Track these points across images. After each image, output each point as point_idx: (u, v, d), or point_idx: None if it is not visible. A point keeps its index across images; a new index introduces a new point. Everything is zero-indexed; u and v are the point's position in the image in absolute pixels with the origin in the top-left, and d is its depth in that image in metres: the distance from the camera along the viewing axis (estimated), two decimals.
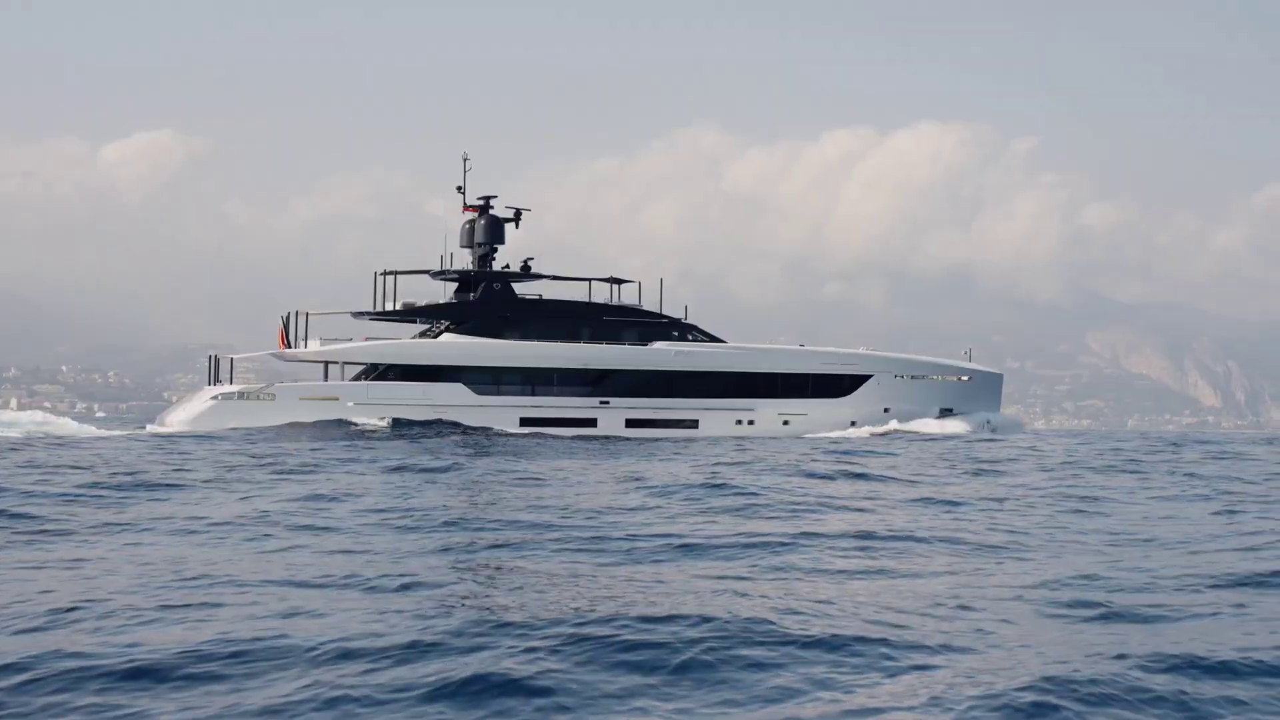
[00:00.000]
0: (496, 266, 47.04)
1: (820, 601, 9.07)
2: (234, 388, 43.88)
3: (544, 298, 47.47)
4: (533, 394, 45.13)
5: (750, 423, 46.65)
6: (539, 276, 47.44)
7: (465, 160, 47.64)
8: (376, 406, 43.10)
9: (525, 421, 43.98)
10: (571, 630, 7.66)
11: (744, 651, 7.34)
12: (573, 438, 39.89)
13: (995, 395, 50.39)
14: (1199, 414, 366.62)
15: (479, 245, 47.00)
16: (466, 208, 47.58)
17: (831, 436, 43.78)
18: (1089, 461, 28.72)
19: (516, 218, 47.91)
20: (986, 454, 31.37)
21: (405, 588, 9.47)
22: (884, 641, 7.67)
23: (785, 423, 46.96)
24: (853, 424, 47.59)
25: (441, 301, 46.94)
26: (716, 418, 46.29)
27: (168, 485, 18.39)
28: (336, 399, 43.47)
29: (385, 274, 46.20)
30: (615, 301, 47.69)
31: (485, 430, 41.80)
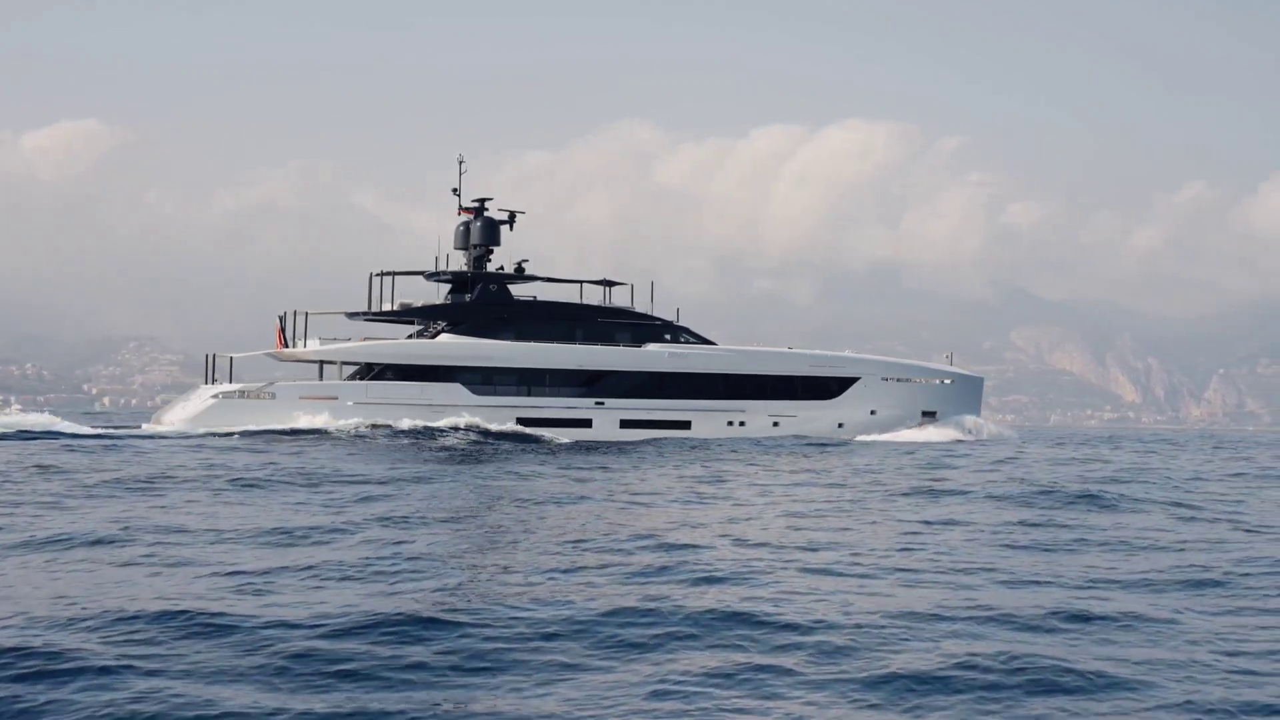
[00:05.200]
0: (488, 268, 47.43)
1: None
2: (234, 386, 43.79)
3: (538, 299, 47.95)
4: (529, 394, 45.60)
5: (741, 424, 47.48)
6: (533, 278, 47.89)
7: (461, 163, 47.96)
8: (375, 406, 43.35)
9: (521, 421, 44.43)
10: None
11: None
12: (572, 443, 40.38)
13: (976, 398, 51.74)
14: (1120, 410, 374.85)
15: (475, 247, 47.39)
16: (462, 210, 47.90)
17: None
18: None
19: (511, 220, 48.30)
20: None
21: None
22: None
23: (775, 424, 47.87)
24: (840, 425, 48.64)
25: (435, 303, 47.24)
26: (709, 419, 47.05)
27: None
28: (335, 398, 43.66)
29: (381, 275, 46.42)
30: (607, 303, 48.30)
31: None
